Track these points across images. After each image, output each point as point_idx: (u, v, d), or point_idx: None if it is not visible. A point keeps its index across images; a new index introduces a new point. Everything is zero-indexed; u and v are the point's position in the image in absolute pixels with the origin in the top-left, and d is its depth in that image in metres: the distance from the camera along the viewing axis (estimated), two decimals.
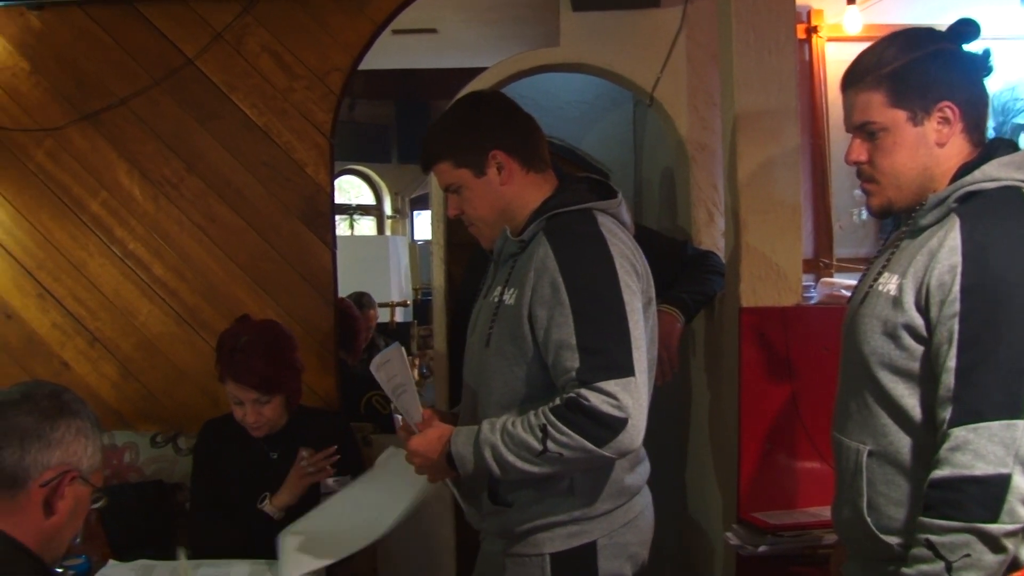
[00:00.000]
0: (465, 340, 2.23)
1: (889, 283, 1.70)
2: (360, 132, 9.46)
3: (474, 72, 3.54)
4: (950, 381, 1.56)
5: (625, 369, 1.85)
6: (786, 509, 2.65)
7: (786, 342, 2.68)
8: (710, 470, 3.13)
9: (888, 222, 2.72)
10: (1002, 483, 1.51)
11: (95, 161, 3.41)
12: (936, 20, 1.99)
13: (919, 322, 1.63)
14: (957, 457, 1.53)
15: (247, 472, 2.70)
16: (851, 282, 2.93)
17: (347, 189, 10.50)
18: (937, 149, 1.71)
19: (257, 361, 2.60)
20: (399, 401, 2.07)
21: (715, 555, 3.11)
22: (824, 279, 3.10)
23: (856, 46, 1.97)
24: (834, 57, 3.27)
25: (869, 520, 1.72)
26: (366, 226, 10.70)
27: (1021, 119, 3.26)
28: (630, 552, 2.08)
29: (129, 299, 3.42)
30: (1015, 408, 1.52)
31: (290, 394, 2.72)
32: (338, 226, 3.48)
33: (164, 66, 3.38)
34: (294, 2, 3.36)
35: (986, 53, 1.74)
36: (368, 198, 10.76)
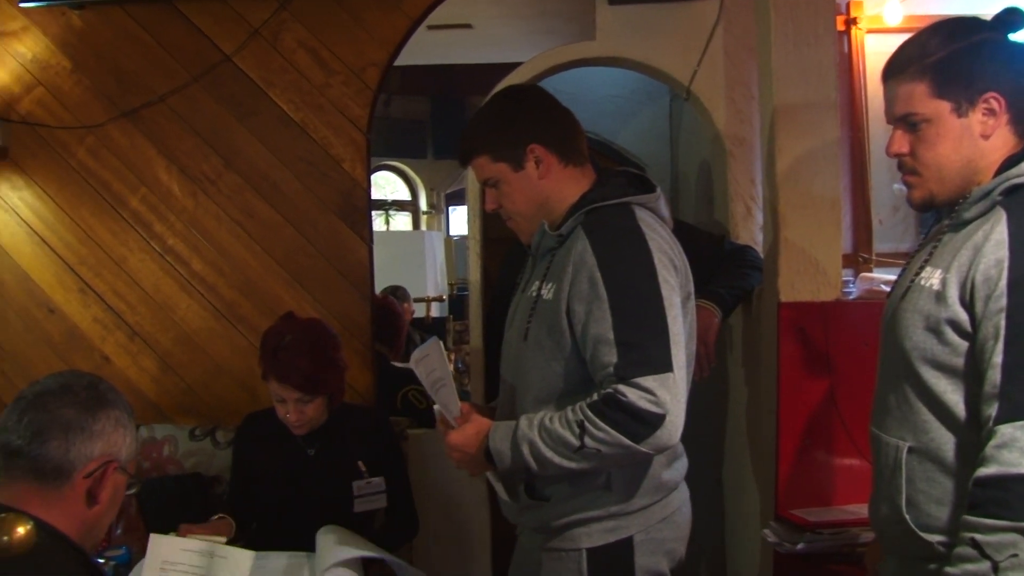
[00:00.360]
0: (501, 334, 2.23)
1: (932, 278, 1.67)
2: (395, 128, 9.50)
3: (509, 67, 3.54)
4: (996, 377, 1.54)
5: (663, 364, 1.84)
6: (824, 506, 2.62)
7: (825, 337, 2.65)
8: (747, 466, 3.11)
9: (928, 216, 2.67)
10: None
11: (135, 158, 3.45)
12: (979, 10, 1.95)
13: (963, 317, 1.61)
14: (1004, 455, 1.51)
15: (283, 467, 2.71)
16: (891, 277, 2.89)
17: (383, 185, 10.55)
18: (982, 141, 1.68)
19: (301, 360, 2.58)
20: (438, 395, 2.07)
21: (752, 552, 3.08)
22: (863, 274, 3.06)
23: (896, 37, 1.94)
24: (874, 49, 3.23)
25: (908, 517, 1.69)
26: (401, 222, 10.74)
27: None
28: (667, 548, 2.07)
29: (168, 294, 3.45)
30: None
31: (333, 393, 2.70)
32: (374, 222, 3.49)
33: (202, 63, 3.41)
34: None
35: None
36: (403, 194, 10.80)
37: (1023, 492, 1.49)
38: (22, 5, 3.45)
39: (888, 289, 2.59)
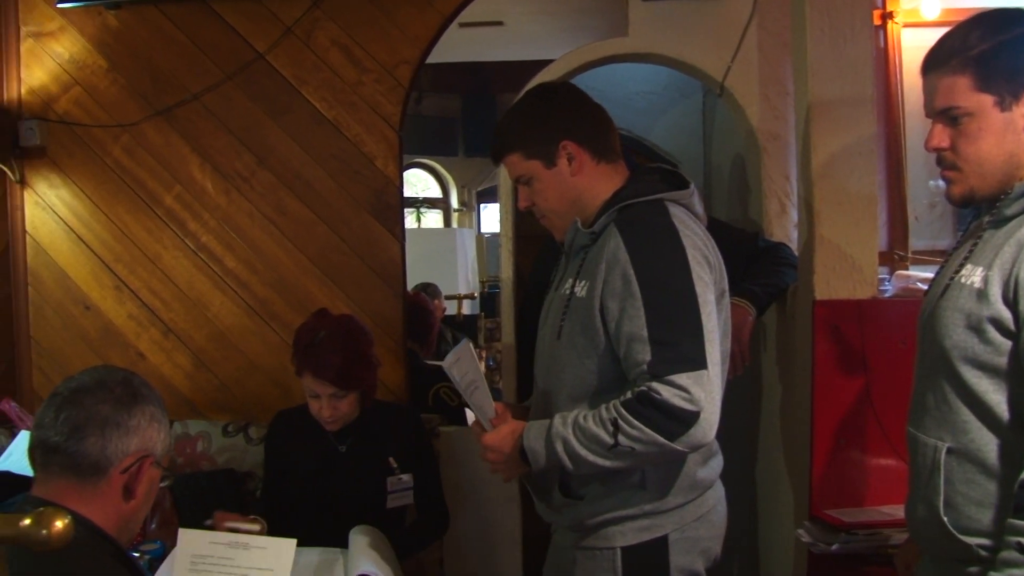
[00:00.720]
0: (533, 332, 2.22)
1: (973, 275, 1.64)
2: (427, 125, 9.52)
3: (540, 64, 3.52)
4: None
5: (697, 362, 1.82)
6: (859, 507, 2.59)
7: (861, 336, 2.62)
8: (781, 465, 3.08)
9: (966, 213, 2.63)
10: None
11: (169, 156, 3.48)
12: (1020, 2, 1.92)
13: (1006, 316, 1.58)
14: None
15: (315, 464, 2.72)
16: (927, 275, 2.86)
17: (414, 182, 10.57)
18: None
19: (335, 356, 2.59)
20: (471, 398, 2.06)
21: (785, 551, 3.05)
22: (899, 272, 3.02)
23: (933, 31, 1.91)
24: (910, 43, 3.18)
25: (946, 519, 1.66)
26: (433, 219, 10.77)
27: None
28: (702, 547, 2.06)
29: (202, 291, 3.48)
30: None
31: (366, 389, 2.71)
32: (405, 219, 3.50)
33: (236, 61, 3.43)
34: None
35: None
36: (435, 191, 10.82)
37: None
38: (59, 6, 3.49)
39: (925, 287, 2.56)
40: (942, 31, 1.74)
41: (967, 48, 1.65)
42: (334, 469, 2.70)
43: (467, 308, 7.01)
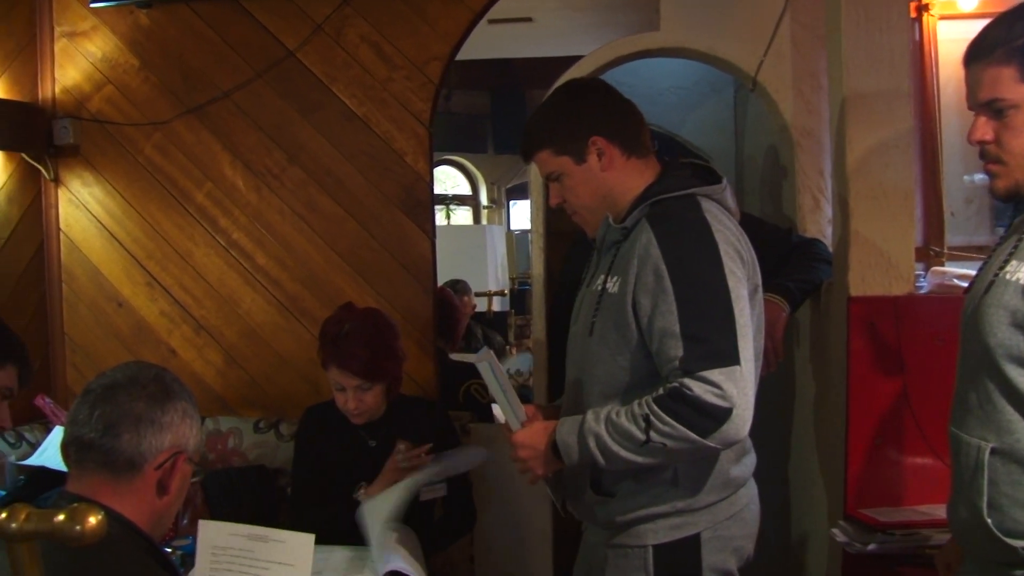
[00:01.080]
0: (563, 329, 2.21)
1: (1018, 272, 1.60)
2: (456, 122, 9.53)
3: (569, 60, 3.50)
4: None
5: (730, 357, 1.80)
6: (895, 506, 2.56)
7: (897, 333, 2.58)
8: (814, 464, 3.05)
9: (1005, 208, 2.59)
10: None
11: (200, 153, 3.50)
12: None
13: None
14: None
15: (346, 459, 2.73)
16: (964, 271, 2.82)
17: (443, 179, 10.59)
18: None
19: (360, 348, 2.61)
20: (502, 403, 2.06)
21: (819, 551, 3.02)
22: (935, 268, 2.98)
23: (970, 24, 1.87)
24: (946, 36, 3.14)
25: (990, 521, 1.63)
26: (462, 216, 10.78)
27: None
28: (735, 546, 2.04)
29: (233, 288, 3.50)
30: None
31: (391, 382, 2.73)
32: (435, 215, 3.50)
33: (266, 59, 3.44)
34: None
35: None
36: (464, 188, 10.83)
37: None
38: (92, 5, 3.52)
39: (961, 283, 2.51)
40: (979, 23, 1.70)
41: (1012, 38, 1.60)
42: (365, 464, 2.70)
43: (497, 305, 7.01)
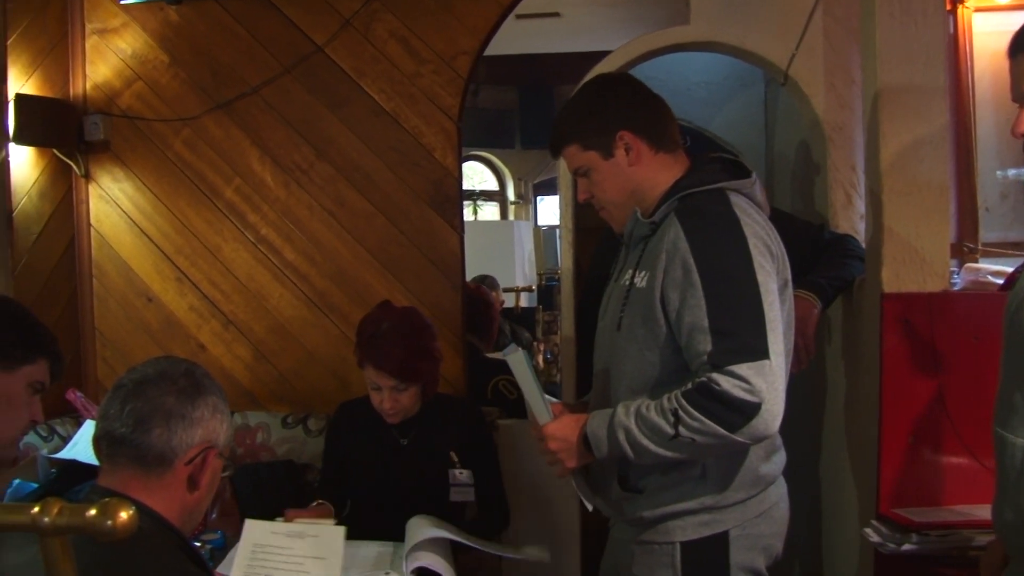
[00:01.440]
0: (591, 324, 2.20)
1: None
2: (483, 118, 9.52)
3: (597, 56, 3.48)
4: None
5: (759, 352, 1.78)
6: (930, 506, 2.52)
7: (932, 330, 2.54)
8: (846, 463, 3.01)
9: None
10: None
11: (229, 149, 3.51)
12: None
13: None
14: None
15: (376, 457, 2.73)
16: (998, 268, 2.77)
17: (471, 175, 10.59)
18: None
19: (397, 349, 2.58)
20: (532, 398, 2.04)
21: (850, 551, 2.99)
22: (969, 264, 2.93)
23: (1007, 16, 1.84)
24: (982, 29, 3.07)
25: None
26: (489, 212, 10.78)
27: None
28: (764, 544, 2.02)
29: (262, 283, 3.51)
30: None
31: (427, 383, 2.70)
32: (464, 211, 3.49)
33: (294, 54, 3.45)
34: None
35: None
36: (491, 184, 10.83)
37: None
38: (122, 2, 3.55)
39: (996, 280, 2.46)
40: (1015, 15, 1.67)
41: None
42: (396, 462, 2.70)
43: (524, 301, 6.99)
